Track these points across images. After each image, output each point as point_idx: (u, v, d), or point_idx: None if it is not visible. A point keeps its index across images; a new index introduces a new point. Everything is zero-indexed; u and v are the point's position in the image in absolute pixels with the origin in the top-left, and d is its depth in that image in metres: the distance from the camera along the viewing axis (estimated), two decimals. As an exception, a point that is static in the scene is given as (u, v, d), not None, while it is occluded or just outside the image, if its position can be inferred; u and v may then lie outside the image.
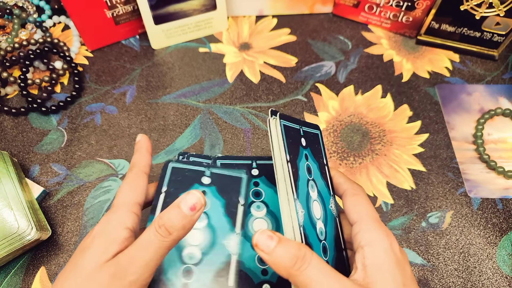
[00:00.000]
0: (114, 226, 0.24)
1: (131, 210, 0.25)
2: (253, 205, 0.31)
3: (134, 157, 0.29)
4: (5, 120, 0.45)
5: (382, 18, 0.51)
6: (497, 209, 0.40)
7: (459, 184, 0.41)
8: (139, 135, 0.31)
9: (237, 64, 0.49)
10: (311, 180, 0.28)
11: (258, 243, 0.22)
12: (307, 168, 0.28)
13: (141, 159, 0.29)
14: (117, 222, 0.25)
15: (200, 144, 0.43)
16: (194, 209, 0.24)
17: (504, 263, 0.37)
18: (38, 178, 0.41)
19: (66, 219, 0.38)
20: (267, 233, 0.22)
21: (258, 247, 0.22)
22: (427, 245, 0.38)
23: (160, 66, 0.49)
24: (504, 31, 0.46)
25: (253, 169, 0.33)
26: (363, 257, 0.24)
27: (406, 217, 0.39)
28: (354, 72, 0.49)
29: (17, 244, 0.33)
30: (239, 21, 0.53)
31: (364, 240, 0.24)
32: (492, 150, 0.43)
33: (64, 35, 0.52)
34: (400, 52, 0.51)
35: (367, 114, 0.45)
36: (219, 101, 0.46)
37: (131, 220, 0.25)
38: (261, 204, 0.31)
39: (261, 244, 0.22)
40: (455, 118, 0.45)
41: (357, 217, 0.26)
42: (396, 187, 0.41)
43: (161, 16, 0.47)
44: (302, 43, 0.51)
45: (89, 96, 0.46)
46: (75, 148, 0.43)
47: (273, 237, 0.22)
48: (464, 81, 0.48)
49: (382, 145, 0.43)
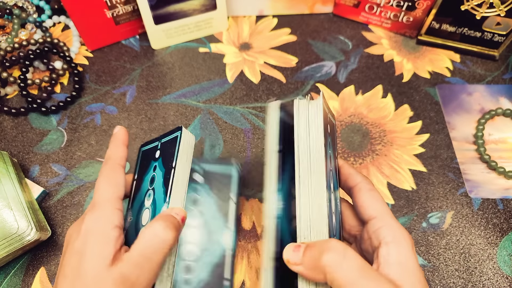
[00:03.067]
0: (104, 226, 0.24)
1: (115, 207, 0.25)
2: (147, 194, 0.29)
3: (109, 149, 0.28)
4: (5, 120, 0.45)
5: (382, 18, 0.51)
6: (497, 210, 0.39)
7: (460, 185, 0.41)
8: (116, 127, 0.30)
9: (237, 64, 0.49)
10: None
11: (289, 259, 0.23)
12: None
13: (116, 151, 0.28)
14: (106, 222, 0.24)
15: (200, 144, 0.43)
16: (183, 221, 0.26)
17: (505, 263, 0.37)
18: (38, 178, 0.41)
19: (66, 219, 0.38)
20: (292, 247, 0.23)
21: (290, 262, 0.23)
22: (428, 246, 0.37)
23: (160, 66, 0.49)
24: (505, 31, 0.46)
25: (157, 151, 0.30)
26: (388, 254, 0.23)
27: (406, 217, 0.39)
28: (355, 72, 0.49)
29: (17, 245, 0.33)
30: (239, 21, 0.53)
31: (388, 237, 0.24)
32: (492, 150, 0.43)
33: (64, 35, 0.52)
34: (401, 52, 0.51)
35: (368, 114, 0.45)
36: (219, 101, 0.46)
37: (118, 217, 0.25)
38: (152, 191, 0.28)
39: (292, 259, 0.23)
40: (456, 118, 0.45)
41: (375, 213, 0.25)
42: (396, 187, 0.41)
43: (161, 16, 0.47)
44: (302, 43, 0.51)
45: (89, 96, 0.46)
46: (75, 148, 0.43)
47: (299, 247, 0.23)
48: (465, 81, 0.48)
49: (383, 145, 0.43)
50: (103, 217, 0.24)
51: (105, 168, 0.27)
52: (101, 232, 0.24)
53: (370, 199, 0.26)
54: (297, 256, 0.22)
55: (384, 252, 0.23)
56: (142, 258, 0.23)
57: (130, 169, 0.41)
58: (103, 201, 0.25)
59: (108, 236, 0.24)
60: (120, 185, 0.26)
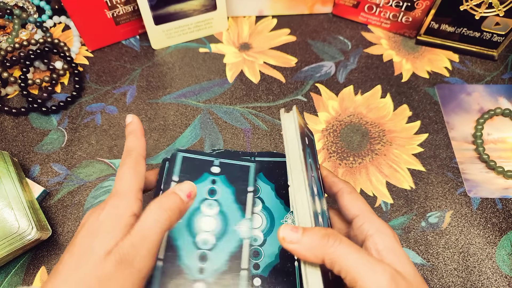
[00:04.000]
0: (123, 212, 0.24)
1: (136, 197, 0.26)
2: (205, 202, 0.31)
3: (129, 140, 0.29)
4: (5, 120, 0.45)
5: (381, 18, 0.51)
6: (496, 209, 0.40)
7: (459, 184, 0.41)
8: (129, 115, 0.30)
9: (237, 64, 0.49)
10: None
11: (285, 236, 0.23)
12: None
13: (137, 143, 0.28)
14: (125, 208, 0.25)
15: (200, 144, 0.43)
16: (189, 197, 0.26)
17: (504, 262, 0.37)
18: (38, 178, 0.41)
19: (67, 219, 0.38)
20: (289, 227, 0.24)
21: (286, 240, 0.23)
22: (427, 245, 0.38)
23: (160, 66, 0.49)
24: (504, 31, 0.46)
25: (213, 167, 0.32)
26: (375, 243, 0.25)
27: (405, 216, 0.39)
28: (354, 72, 0.49)
29: (18, 244, 0.33)
30: (239, 21, 0.54)
31: (372, 229, 0.25)
32: (491, 150, 0.43)
33: (65, 35, 0.52)
34: (400, 52, 0.51)
35: (367, 114, 0.46)
36: (219, 101, 0.46)
37: (137, 207, 0.25)
38: (214, 202, 0.31)
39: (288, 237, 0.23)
40: (455, 118, 0.45)
41: (358, 211, 0.27)
42: (395, 187, 0.41)
43: (161, 16, 0.48)
44: (302, 43, 0.52)
45: (89, 96, 0.47)
46: (76, 148, 0.43)
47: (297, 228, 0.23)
48: (464, 81, 0.48)
49: (382, 145, 0.43)
50: (124, 204, 0.25)
51: (129, 159, 0.27)
52: (118, 217, 0.24)
53: (352, 200, 0.28)
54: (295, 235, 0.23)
55: (371, 243, 0.25)
56: (138, 237, 0.23)
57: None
58: (126, 191, 0.26)
59: (124, 221, 0.24)
60: (142, 177, 0.27)
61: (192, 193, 0.26)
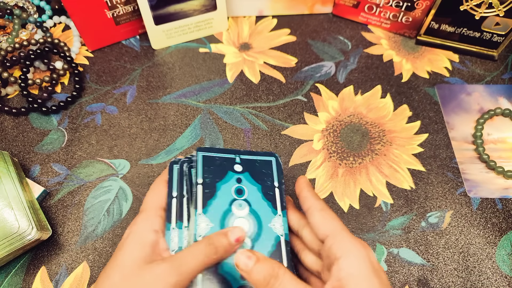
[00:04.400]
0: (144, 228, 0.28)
1: (157, 214, 0.29)
2: (235, 203, 0.30)
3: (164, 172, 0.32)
4: (5, 120, 0.45)
5: (381, 18, 0.51)
6: (496, 209, 0.40)
7: (459, 184, 0.41)
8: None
9: (237, 64, 0.49)
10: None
11: (238, 263, 0.25)
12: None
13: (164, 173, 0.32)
14: (146, 225, 0.28)
15: (200, 144, 0.43)
16: (238, 241, 0.27)
17: (504, 262, 0.37)
18: (38, 178, 0.41)
19: (67, 219, 0.39)
20: (246, 254, 0.25)
21: (239, 266, 0.25)
22: (427, 245, 0.38)
23: (160, 66, 0.49)
24: (504, 31, 0.46)
25: (236, 165, 0.32)
26: (339, 269, 0.24)
27: (405, 217, 0.39)
28: (354, 72, 0.49)
29: (18, 244, 0.33)
30: (239, 21, 0.54)
31: (339, 252, 0.25)
32: (491, 150, 0.43)
33: (65, 35, 0.52)
34: (400, 52, 0.51)
35: (367, 114, 0.46)
36: (219, 101, 0.46)
37: (158, 223, 0.28)
38: (243, 202, 0.30)
39: (241, 264, 0.25)
40: (455, 118, 0.45)
41: (328, 230, 0.26)
42: (395, 187, 0.41)
43: (161, 16, 0.48)
44: (302, 44, 0.52)
45: (89, 96, 0.47)
46: (76, 148, 0.43)
47: (252, 257, 0.24)
48: (464, 81, 0.48)
49: (382, 145, 0.43)
50: (145, 221, 0.28)
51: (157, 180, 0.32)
52: (140, 233, 0.27)
53: (321, 219, 0.27)
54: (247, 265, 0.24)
55: (335, 269, 0.24)
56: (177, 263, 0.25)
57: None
58: (148, 208, 0.29)
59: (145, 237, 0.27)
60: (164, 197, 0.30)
61: (241, 238, 0.27)
